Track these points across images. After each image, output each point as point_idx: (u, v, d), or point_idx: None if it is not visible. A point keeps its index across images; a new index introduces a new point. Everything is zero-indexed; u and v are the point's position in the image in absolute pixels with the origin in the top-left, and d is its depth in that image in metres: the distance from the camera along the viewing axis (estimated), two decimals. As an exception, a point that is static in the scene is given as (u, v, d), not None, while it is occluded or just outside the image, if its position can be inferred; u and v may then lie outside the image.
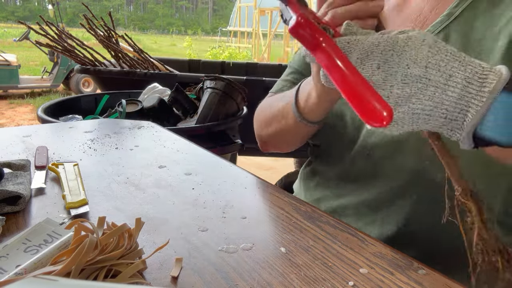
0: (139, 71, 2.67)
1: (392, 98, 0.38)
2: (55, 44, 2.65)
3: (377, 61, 0.38)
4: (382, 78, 0.38)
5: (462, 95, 0.37)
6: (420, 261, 0.44)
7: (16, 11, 48.77)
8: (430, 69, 0.37)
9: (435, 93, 0.37)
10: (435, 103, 0.37)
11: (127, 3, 57.41)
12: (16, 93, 6.18)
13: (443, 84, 0.37)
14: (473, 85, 0.37)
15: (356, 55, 0.39)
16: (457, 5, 0.57)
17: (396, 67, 0.37)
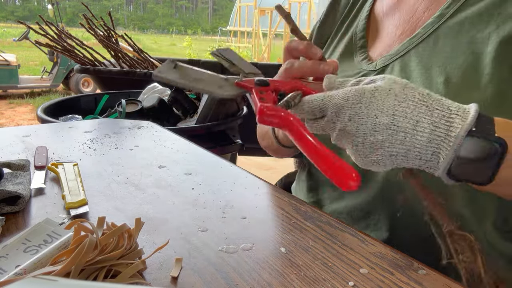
0: (139, 71, 2.67)
1: (366, 144, 0.41)
2: (55, 44, 2.65)
3: (348, 114, 0.41)
4: (354, 128, 0.41)
5: (431, 139, 0.39)
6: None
7: (15, 10, 48.76)
8: (397, 116, 0.40)
9: (405, 138, 0.40)
10: (407, 147, 0.40)
11: (127, 3, 57.40)
12: (16, 93, 6.18)
13: (411, 129, 0.40)
14: (441, 129, 0.39)
15: (330, 110, 0.43)
16: (449, 6, 0.57)
17: (366, 118, 0.40)
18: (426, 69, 0.55)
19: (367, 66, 0.63)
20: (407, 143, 0.40)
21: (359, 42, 0.67)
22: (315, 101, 0.44)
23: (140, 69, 2.73)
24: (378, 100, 0.40)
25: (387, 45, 0.64)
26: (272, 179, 0.78)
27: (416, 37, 0.58)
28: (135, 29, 39.45)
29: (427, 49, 0.56)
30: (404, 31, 0.62)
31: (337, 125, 0.43)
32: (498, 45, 0.51)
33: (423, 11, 0.61)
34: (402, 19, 0.63)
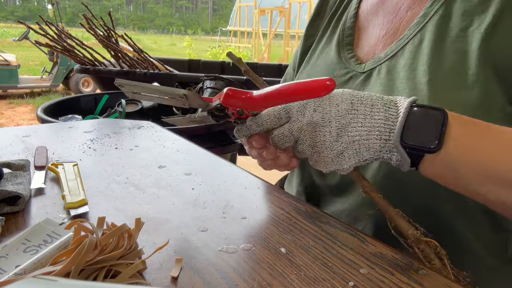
0: (139, 71, 2.67)
1: (333, 131, 0.45)
2: (55, 44, 2.65)
3: (312, 107, 0.46)
4: (320, 117, 0.46)
5: (387, 117, 0.45)
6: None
7: (15, 10, 48.76)
8: (355, 103, 0.46)
9: (365, 119, 0.45)
10: (368, 128, 0.45)
11: (127, 2, 57.39)
12: (16, 93, 6.18)
13: (369, 111, 0.45)
14: (392, 109, 0.45)
15: (295, 109, 0.47)
16: (432, 4, 0.57)
17: (329, 107, 0.46)
18: (411, 70, 0.55)
19: (355, 67, 0.63)
20: (368, 124, 0.45)
21: (346, 39, 0.68)
22: (279, 107, 0.48)
23: (140, 69, 2.73)
24: (337, 95, 0.46)
25: (372, 45, 0.64)
26: (272, 179, 0.78)
27: (403, 39, 0.58)
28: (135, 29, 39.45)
29: (413, 49, 0.56)
30: (388, 31, 0.62)
31: (303, 121, 0.46)
32: (481, 43, 0.50)
33: (406, 10, 0.61)
34: (385, 19, 0.63)
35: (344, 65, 0.64)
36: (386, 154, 0.46)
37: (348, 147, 0.45)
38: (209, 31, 42.69)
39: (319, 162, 0.48)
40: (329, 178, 0.64)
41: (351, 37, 0.67)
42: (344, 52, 0.66)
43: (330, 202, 0.64)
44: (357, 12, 0.69)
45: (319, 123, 0.46)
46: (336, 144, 0.45)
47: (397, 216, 0.47)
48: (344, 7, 0.72)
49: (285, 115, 0.48)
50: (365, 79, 0.60)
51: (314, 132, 0.46)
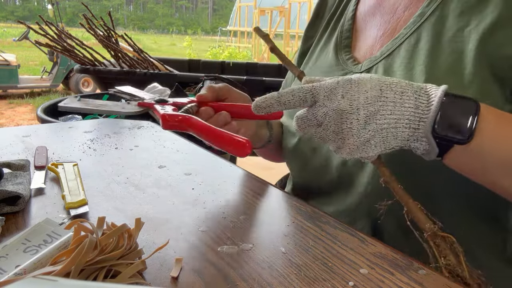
0: (139, 71, 2.67)
1: (361, 119, 0.44)
2: (55, 44, 2.65)
3: (340, 92, 0.45)
4: (348, 104, 0.44)
5: (417, 105, 0.44)
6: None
7: (15, 10, 48.76)
8: (384, 90, 0.44)
9: (394, 107, 0.44)
10: (397, 116, 0.44)
11: (127, 2, 57.39)
12: (16, 93, 6.18)
13: (399, 99, 0.44)
14: (423, 97, 0.44)
15: (322, 93, 0.46)
16: (429, 4, 0.57)
17: (357, 94, 0.44)
18: (408, 69, 0.55)
19: (352, 68, 0.63)
20: (397, 112, 0.44)
21: (344, 41, 0.68)
22: (306, 87, 0.46)
23: (140, 69, 2.73)
24: (365, 81, 0.45)
25: (369, 46, 0.64)
26: (272, 179, 0.78)
27: (399, 38, 0.58)
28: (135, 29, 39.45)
29: (409, 49, 0.56)
30: (385, 32, 0.62)
31: (329, 107, 0.45)
32: (478, 43, 0.50)
33: (403, 10, 0.61)
34: (382, 19, 0.63)
35: (341, 67, 0.65)
36: (413, 143, 0.45)
37: (375, 135, 0.44)
38: (209, 31, 42.71)
39: (342, 148, 0.46)
40: (327, 179, 0.63)
41: (349, 39, 0.67)
42: (342, 55, 0.66)
43: (329, 202, 0.64)
44: (355, 14, 0.69)
45: (347, 110, 0.44)
46: (363, 132, 0.44)
47: (416, 209, 0.46)
48: (342, 9, 0.72)
49: (311, 98, 0.46)
50: None
51: (340, 119, 0.45)
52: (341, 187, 0.61)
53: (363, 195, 0.58)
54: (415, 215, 0.46)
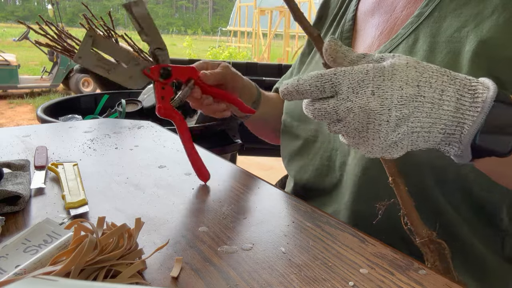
0: (139, 71, 2.66)
1: (392, 121, 0.38)
2: (55, 43, 2.65)
3: (370, 87, 0.38)
4: (378, 103, 0.38)
5: (457, 108, 0.38)
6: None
7: (15, 10, 48.77)
8: (422, 87, 0.38)
9: (432, 109, 0.38)
10: (434, 119, 0.38)
11: (127, 3, 57.26)
12: (16, 93, 6.18)
13: (438, 99, 0.38)
14: (466, 97, 0.39)
15: (346, 84, 0.38)
16: (427, 4, 0.57)
17: (390, 91, 0.38)
18: None
19: None
20: (434, 115, 0.38)
21: (344, 41, 0.68)
22: (326, 75, 0.39)
23: (140, 69, 2.72)
24: (401, 72, 0.38)
25: (367, 46, 0.64)
26: (272, 179, 0.78)
27: (396, 38, 0.58)
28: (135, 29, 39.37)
29: (407, 49, 0.56)
30: (383, 31, 0.62)
31: (355, 103, 0.38)
32: (476, 44, 0.50)
33: (401, 10, 0.61)
34: (381, 19, 0.63)
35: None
36: (443, 147, 0.41)
37: (404, 138, 0.39)
38: (209, 31, 42.70)
39: (362, 146, 0.41)
40: (329, 179, 0.63)
41: (349, 39, 0.67)
42: None
43: (330, 202, 0.64)
44: (356, 14, 0.69)
45: (376, 110, 0.38)
46: (391, 135, 0.39)
47: (415, 214, 0.45)
48: (344, 9, 0.73)
49: (330, 88, 0.39)
50: None
51: (367, 118, 0.38)
52: (342, 187, 0.61)
53: (354, 197, 0.58)
54: (413, 220, 0.45)
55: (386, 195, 0.55)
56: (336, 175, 0.62)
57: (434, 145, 0.40)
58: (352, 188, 0.58)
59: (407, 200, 0.45)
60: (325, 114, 0.40)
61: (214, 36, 29.15)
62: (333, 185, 0.63)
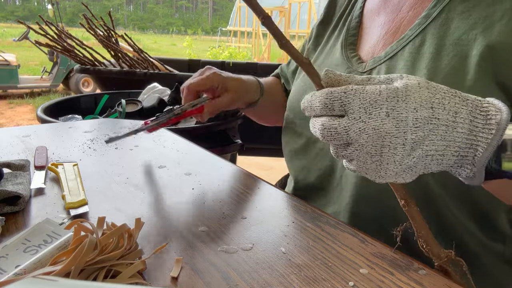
0: (139, 71, 2.67)
1: (407, 145, 0.37)
2: (55, 43, 2.65)
3: (384, 109, 0.37)
4: (394, 126, 0.36)
5: (471, 130, 0.38)
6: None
7: (15, 10, 48.76)
8: (436, 109, 0.37)
9: (446, 132, 0.37)
10: (448, 142, 0.38)
11: (127, 2, 57.38)
12: (16, 93, 6.18)
13: (452, 121, 0.38)
14: (478, 119, 0.38)
15: (357, 103, 0.37)
16: (435, 5, 0.56)
17: (405, 113, 0.37)
18: (410, 72, 0.54)
19: (356, 66, 0.63)
20: (448, 138, 0.38)
21: (350, 39, 0.68)
22: (336, 92, 0.38)
23: (140, 69, 2.72)
24: (414, 93, 0.37)
25: (372, 45, 0.64)
26: (272, 179, 0.78)
27: (403, 39, 0.57)
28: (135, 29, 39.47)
29: (413, 51, 0.55)
30: (388, 31, 0.62)
31: (368, 124, 0.36)
32: (484, 48, 0.49)
33: (407, 11, 0.60)
34: (387, 18, 0.63)
35: (347, 65, 0.64)
36: (455, 169, 0.40)
37: (419, 162, 0.38)
38: (209, 31, 42.72)
39: (371, 172, 0.39)
40: (331, 179, 0.63)
41: (354, 36, 0.67)
42: (347, 52, 0.66)
43: (330, 202, 0.64)
44: (362, 12, 0.69)
45: (392, 133, 0.36)
46: (407, 159, 0.37)
47: (430, 236, 0.43)
48: (351, 7, 0.73)
49: (339, 107, 0.38)
50: None
51: (382, 142, 0.37)
52: (342, 189, 0.61)
53: (364, 198, 0.58)
54: (428, 242, 0.43)
55: (386, 198, 0.55)
56: (337, 176, 0.62)
57: (447, 167, 0.40)
58: (352, 191, 0.58)
59: (420, 223, 0.43)
60: (335, 135, 0.38)
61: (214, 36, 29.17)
62: (333, 186, 0.63)
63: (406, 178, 0.39)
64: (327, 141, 0.39)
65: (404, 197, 0.43)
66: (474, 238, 0.55)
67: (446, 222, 0.54)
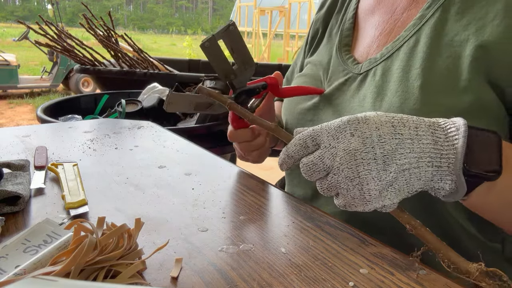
0: (139, 71, 2.67)
1: (379, 159, 0.39)
2: (55, 43, 2.65)
3: (348, 130, 0.40)
4: (360, 142, 0.39)
5: (435, 141, 0.40)
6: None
7: (15, 10, 48.80)
8: (397, 126, 0.40)
9: (412, 144, 0.40)
10: (418, 154, 0.40)
11: (127, 2, 57.41)
12: (16, 93, 6.18)
13: (415, 135, 0.40)
14: (438, 131, 0.41)
15: (325, 135, 0.41)
16: (429, 6, 0.56)
17: (368, 131, 0.40)
18: (405, 72, 0.54)
19: (353, 68, 0.63)
20: (416, 150, 0.39)
21: (344, 40, 0.68)
22: (306, 132, 0.43)
23: (140, 69, 2.72)
24: (373, 118, 0.41)
25: (367, 45, 0.64)
26: (272, 179, 0.78)
27: (398, 40, 0.58)
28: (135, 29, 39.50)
29: (408, 51, 0.56)
30: (383, 32, 0.62)
31: (338, 148, 0.40)
32: (476, 49, 0.50)
33: (402, 12, 0.61)
34: (381, 19, 0.63)
35: (342, 67, 0.64)
36: (437, 183, 0.41)
37: (398, 177, 0.39)
38: (209, 31, 42.75)
39: (357, 199, 0.40)
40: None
41: (349, 37, 0.67)
42: (342, 53, 0.66)
43: (324, 204, 0.64)
44: (356, 13, 0.69)
45: (360, 148, 0.39)
46: (384, 174, 0.39)
47: (452, 252, 0.41)
48: (346, 7, 0.72)
49: (312, 142, 0.42)
50: (362, 80, 0.60)
51: (354, 160, 0.39)
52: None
53: None
54: (453, 260, 0.40)
55: None
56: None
57: (427, 182, 0.41)
58: None
59: (435, 242, 0.41)
60: (313, 167, 0.42)
61: (214, 36, 29.08)
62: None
63: (392, 198, 0.40)
64: (310, 177, 0.43)
65: (407, 221, 0.42)
66: (472, 239, 0.55)
67: (445, 225, 0.54)
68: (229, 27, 0.52)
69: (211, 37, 0.52)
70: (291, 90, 0.65)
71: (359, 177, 0.39)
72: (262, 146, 0.66)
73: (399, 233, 0.55)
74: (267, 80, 0.60)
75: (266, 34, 10.16)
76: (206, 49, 0.52)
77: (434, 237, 0.41)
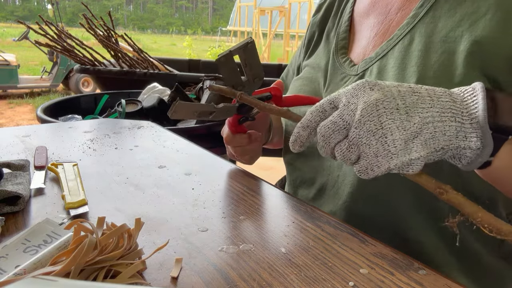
0: (139, 71, 2.67)
1: (401, 109, 0.38)
2: (55, 43, 2.65)
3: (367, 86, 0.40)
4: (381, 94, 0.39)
5: (453, 99, 0.40)
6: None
7: (15, 10, 48.81)
8: (413, 87, 0.40)
9: (432, 101, 0.39)
10: (439, 108, 0.39)
11: (127, 2, 57.41)
12: (16, 93, 6.18)
13: (432, 94, 0.40)
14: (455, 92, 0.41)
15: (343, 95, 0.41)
16: (422, 5, 0.57)
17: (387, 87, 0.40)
18: (401, 69, 0.55)
19: (349, 70, 0.63)
20: (437, 105, 0.39)
21: (340, 43, 0.68)
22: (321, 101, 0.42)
23: (140, 69, 2.72)
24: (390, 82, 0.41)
25: (363, 47, 0.64)
26: (272, 179, 0.78)
27: (393, 39, 0.58)
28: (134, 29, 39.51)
29: (403, 50, 0.56)
30: (378, 33, 0.62)
31: (359, 101, 0.38)
32: (471, 44, 0.50)
33: (396, 12, 0.61)
34: (376, 20, 0.64)
35: (340, 70, 0.65)
36: (462, 141, 0.39)
37: (423, 129, 0.37)
38: (209, 31, 42.76)
39: (380, 156, 0.37)
40: (331, 178, 0.64)
41: (345, 40, 0.68)
42: (339, 57, 0.66)
43: (324, 204, 0.64)
44: (352, 16, 0.70)
45: (381, 98, 0.38)
46: (408, 124, 0.37)
47: (489, 215, 0.37)
48: (342, 10, 0.73)
49: (329, 106, 0.41)
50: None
51: (376, 111, 0.37)
52: (339, 188, 0.61)
53: (361, 196, 0.58)
54: (492, 224, 0.37)
55: (384, 197, 0.55)
56: (334, 175, 0.62)
57: (452, 139, 0.38)
58: (350, 189, 0.58)
59: (470, 206, 0.38)
60: (332, 125, 0.39)
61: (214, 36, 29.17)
62: (330, 185, 0.63)
63: (419, 151, 0.37)
64: (328, 140, 0.40)
65: (436, 185, 0.39)
66: (472, 235, 0.56)
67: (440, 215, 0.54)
68: (248, 45, 0.52)
69: (228, 53, 0.51)
70: (293, 101, 0.65)
71: (382, 128, 0.37)
72: (256, 151, 0.67)
73: (399, 232, 0.55)
74: (272, 91, 0.60)
75: (266, 34, 10.16)
76: (222, 63, 0.51)
77: (468, 201, 0.38)
